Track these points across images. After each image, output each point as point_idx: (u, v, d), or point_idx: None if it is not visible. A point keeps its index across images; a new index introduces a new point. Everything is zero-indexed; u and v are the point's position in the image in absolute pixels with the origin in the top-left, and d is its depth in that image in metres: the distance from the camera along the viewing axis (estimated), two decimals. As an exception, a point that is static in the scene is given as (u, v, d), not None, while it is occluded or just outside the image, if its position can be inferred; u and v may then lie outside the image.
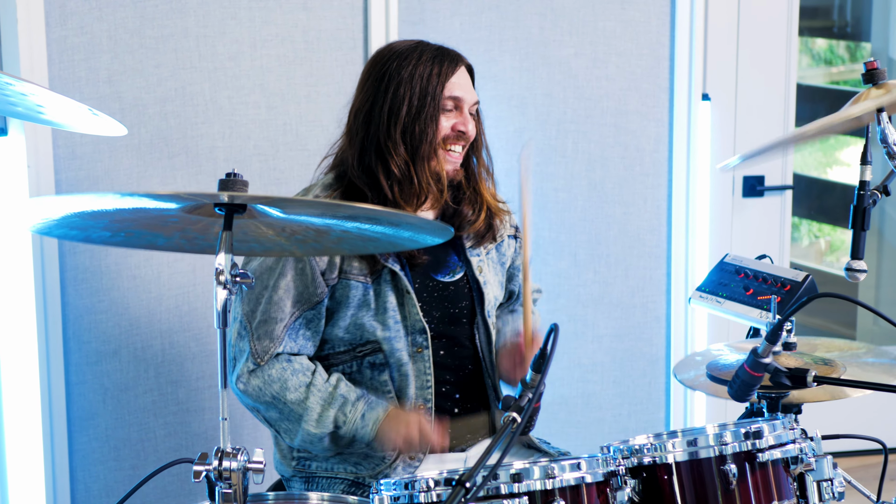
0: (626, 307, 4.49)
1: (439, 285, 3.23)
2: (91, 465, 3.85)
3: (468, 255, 3.28)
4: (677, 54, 4.39)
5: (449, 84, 3.16)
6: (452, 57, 3.21)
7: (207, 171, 3.90)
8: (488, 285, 3.29)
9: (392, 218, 2.41)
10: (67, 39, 3.67)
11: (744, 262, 3.50)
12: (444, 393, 3.22)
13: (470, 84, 3.23)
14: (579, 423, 4.50)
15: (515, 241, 3.44)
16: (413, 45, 3.22)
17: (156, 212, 2.42)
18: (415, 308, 3.13)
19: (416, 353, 3.14)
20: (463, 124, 3.18)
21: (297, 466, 3.21)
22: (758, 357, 2.58)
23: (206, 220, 2.45)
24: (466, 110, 3.19)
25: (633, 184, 4.44)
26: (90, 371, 3.82)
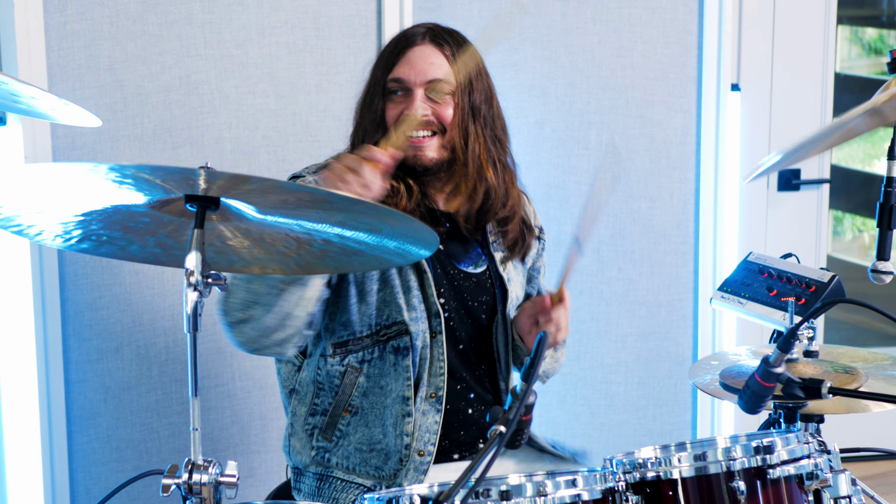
0: (651, 305, 4.33)
1: (460, 274, 3.10)
2: (91, 466, 3.74)
3: (491, 250, 3.14)
4: (706, 42, 4.21)
5: (398, 65, 2.99)
6: (416, 35, 3.02)
7: (213, 162, 3.68)
8: (512, 283, 3.15)
9: (367, 210, 2.25)
10: (67, 25, 3.55)
11: (768, 261, 3.35)
12: (458, 391, 3.08)
13: (433, 62, 2.99)
14: (602, 425, 4.35)
15: (538, 241, 3.29)
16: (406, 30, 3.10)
17: (124, 208, 2.28)
18: (431, 290, 3.00)
19: (432, 338, 3.01)
20: (408, 108, 2.96)
21: (315, 457, 3.07)
22: (769, 366, 2.42)
23: (178, 221, 2.31)
24: (417, 92, 2.97)
25: (660, 177, 4.27)
26: (91, 369, 3.70)
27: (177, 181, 2.20)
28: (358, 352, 3.01)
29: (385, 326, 2.99)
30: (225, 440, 3.89)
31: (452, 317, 3.06)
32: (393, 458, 3.00)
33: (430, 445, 3.00)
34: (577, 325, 4.27)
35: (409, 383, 2.99)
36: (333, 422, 3.04)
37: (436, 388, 3.01)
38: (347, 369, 3.02)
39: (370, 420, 3.02)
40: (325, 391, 3.05)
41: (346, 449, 3.04)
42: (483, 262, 3.13)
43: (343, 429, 3.04)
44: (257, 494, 3.90)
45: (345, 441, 3.04)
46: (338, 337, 3.02)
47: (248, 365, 3.89)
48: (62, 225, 2.33)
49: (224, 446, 3.89)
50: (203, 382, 3.85)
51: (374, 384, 3.01)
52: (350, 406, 3.02)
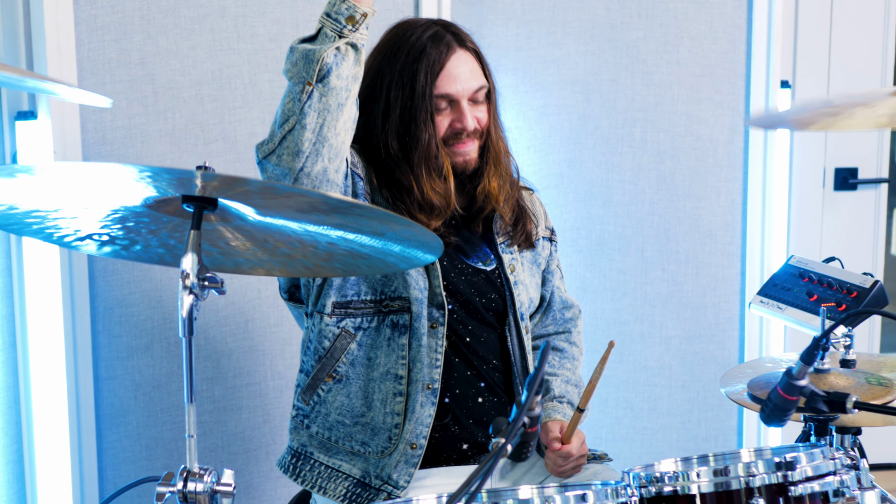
0: (697, 307, 4.22)
1: (469, 269, 3.06)
2: (121, 464, 3.70)
3: (500, 252, 3.09)
4: (755, 38, 4.10)
5: (440, 81, 2.94)
6: (444, 43, 2.97)
7: (246, 158, 3.71)
8: (520, 286, 3.11)
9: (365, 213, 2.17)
10: (97, 19, 3.50)
11: (809, 265, 3.25)
12: (468, 378, 3.04)
13: (470, 70, 2.99)
14: (645, 429, 4.25)
15: (550, 243, 3.26)
16: (413, 28, 3.01)
17: (122, 208, 2.22)
18: (437, 280, 2.96)
19: (430, 329, 2.96)
20: (460, 120, 2.97)
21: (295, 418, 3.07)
22: (792, 379, 2.32)
23: (177, 221, 2.25)
24: (464, 103, 2.96)
25: (706, 176, 4.16)
26: (121, 366, 3.65)
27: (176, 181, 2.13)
28: (357, 317, 2.96)
29: (390, 298, 2.95)
30: (257, 440, 3.84)
31: (455, 310, 3.01)
32: (381, 434, 2.96)
33: (422, 439, 2.96)
34: (619, 326, 4.18)
35: (402, 362, 2.95)
36: (314, 385, 3.02)
37: (431, 379, 2.96)
38: (341, 333, 2.97)
39: (352, 391, 2.98)
40: (310, 351, 3.02)
41: (325, 419, 3.01)
42: (493, 261, 3.09)
43: (322, 395, 3.00)
44: (289, 495, 3.84)
45: (322, 408, 3.01)
46: (342, 296, 2.96)
47: (280, 364, 3.83)
48: (61, 223, 2.28)
49: (255, 445, 3.84)
50: (235, 381, 3.80)
51: (363, 355, 2.97)
52: (335, 372, 2.98)
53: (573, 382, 3.22)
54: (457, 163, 2.99)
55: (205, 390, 3.76)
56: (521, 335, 3.09)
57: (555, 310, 3.29)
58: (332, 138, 2.71)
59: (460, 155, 2.99)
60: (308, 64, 2.68)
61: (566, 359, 3.27)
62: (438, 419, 3.00)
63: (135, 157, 3.58)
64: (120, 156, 3.56)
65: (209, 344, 3.75)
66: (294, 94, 2.69)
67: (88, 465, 3.62)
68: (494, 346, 3.08)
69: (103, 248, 2.38)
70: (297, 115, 2.69)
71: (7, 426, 3.55)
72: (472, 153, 3.01)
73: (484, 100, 3.02)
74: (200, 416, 3.77)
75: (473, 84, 2.98)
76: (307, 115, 2.68)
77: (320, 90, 2.67)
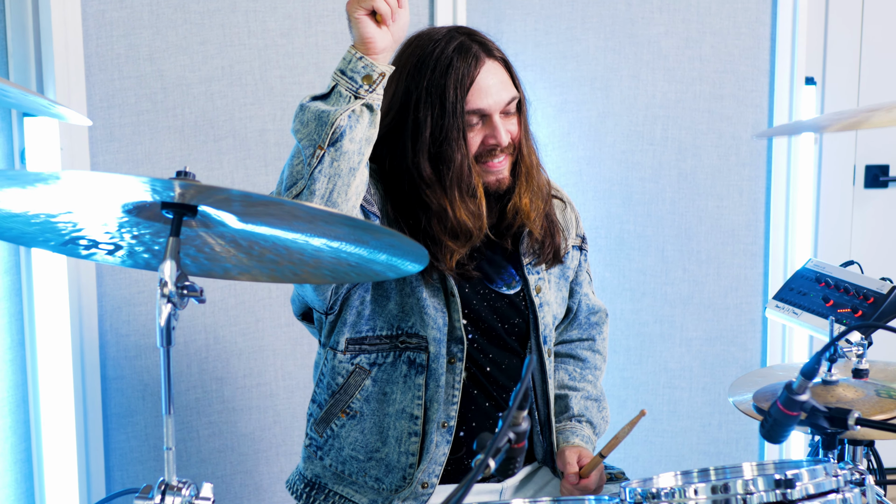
0: (718, 309, 4.14)
1: (492, 294, 2.93)
2: (129, 465, 3.66)
3: (525, 273, 2.96)
4: (779, 33, 4.00)
5: (471, 95, 2.77)
6: (471, 55, 2.79)
7: (256, 155, 3.66)
8: (545, 307, 2.98)
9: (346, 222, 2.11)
10: (105, 14, 3.46)
11: (826, 270, 3.16)
12: (485, 410, 2.94)
13: (500, 81, 2.82)
14: (665, 431, 4.18)
15: (580, 252, 3.12)
16: (436, 41, 2.82)
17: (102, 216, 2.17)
18: (458, 314, 2.84)
19: (448, 364, 2.85)
20: (494, 136, 2.80)
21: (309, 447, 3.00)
22: (792, 394, 2.24)
23: (158, 227, 2.20)
24: (496, 117, 2.80)
25: (728, 174, 4.07)
26: (128, 366, 3.62)
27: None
28: (371, 353, 2.87)
29: (407, 334, 2.85)
30: (267, 440, 3.79)
31: (476, 339, 2.90)
32: (395, 472, 2.88)
33: (434, 477, 2.86)
34: (639, 327, 4.11)
35: (419, 402, 2.85)
36: (328, 419, 2.93)
37: (447, 416, 2.86)
38: (356, 369, 2.87)
39: (366, 427, 2.89)
40: (323, 385, 2.93)
41: (339, 452, 2.93)
42: (517, 284, 2.96)
43: (335, 429, 2.92)
44: (300, 497, 3.81)
45: (336, 442, 2.93)
46: (356, 332, 2.86)
47: (291, 364, 3.78)
48: (37, 226, 2.23)
49: (266, 446, 3.80)
50: (244, 381, 3.75)
51: (379, 390, 2.87)
52: (349, 408, 2.89)
53: (593, 397, 3.11)
54: (489, 182, 2.83)
55: (214, 391, 3.72)
56: (542, 359, 2.98)
57: (580, 317, 3.18)
58: (343, 203, 2.55)
59: (493, 174, 2.83)
60: (321, 126, 2.51)
61: (588, 369, 3.16)
62: (452, 453, 2.89)
63: (143, 154, 3.53)
64: (128, 152, 3.52)
65: (219, 343, 3.71)
66: (304, 156, 2.54)
67: (96, 465, 3.58)
68: (516, 372, 2.95)
69: (88, 252, 2.32)
70: (305, 180, 2.52)
71: (15, 425, 3.53)
72: (505, 171, 2.85)
73: (515, 111, 2.86)
74: (210, 417, 3.73)
75: (505, 96, 2.81)
76: (317, 181, 2.51)
77: (332, 154, 2.51)
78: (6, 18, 3.40)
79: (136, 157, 3.53)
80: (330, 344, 2.90)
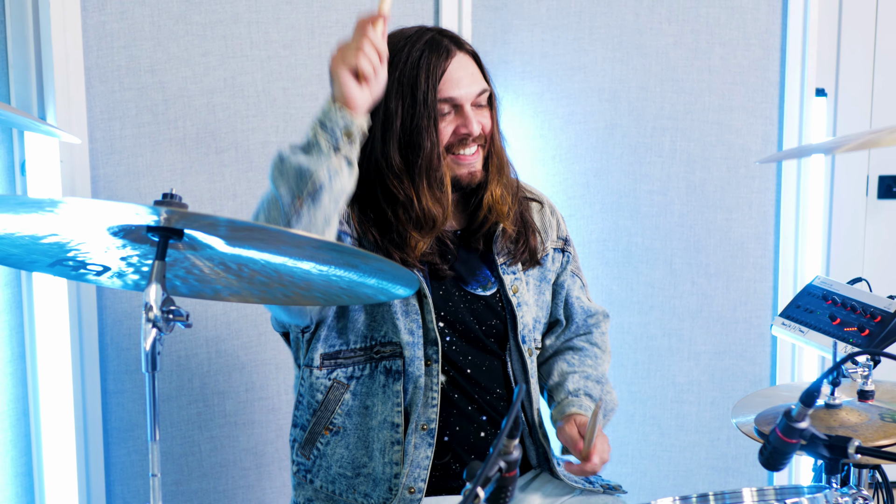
0: (727, 322, 4.09)
1: (467, 296, 2.93)
2: (130, 480, 3.63)
3: (501, 273, 2.95)
4: (789, 44, 3.95)
5: (442, 85, 2.80)
6: (442, 47, 2.83)
7: (259, 167, 3.63)
8: (523, 307, 2.97)
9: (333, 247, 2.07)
10: (106, 25, 3.43)
11: (833, 287, 3.12)
12: (468, 414, 2.92)
13: (471, 73, 2.85)
14: (673, 446, 4.13)
15: (563, 254, 3.11)
16: (406, 37, 2.88)
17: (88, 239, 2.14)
18: (430, 316, 2.83)
19: (426, 367, 2.84)
20: (465, 125, 2.82)
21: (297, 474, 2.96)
22: (791, 421, 2.19)
23: (146, 248, 2.17)
24: (468, 107, 2.82)
25: (738, 187, 4.02)
26: (129, 380, 3.58)
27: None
28: (348, 366, 2.85)
29: (380, 343, 2.84)
30: (269, 455, 3.76)
31: (454, 341, 2.89)
32: (381, 486, 2.85)
33: (420, 482, 2.85)
34: (647, 341, 4.06)
35: (398, 409, 2.83)
36: (312, 439, 2.91)
37: (427, 419, 2.85)
38: (333, 384, 2.86)
39: (350, 442, 2.88)
40: (303, 405, 2.92)
41: (327, 472, 2.90)
42: (493, 285, 2.96)
43: (321, 448, 2.90)
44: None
45: (323, 462, 2.90)
46: (329, 346, 2.85)
47: (294, 378, 3.74)
48: (22, 248, 2.20)
49: (268, 461, 3.76)
50: (246, 395, 3.72)
51: (359, 403, 2.86)
52: (332, 425, 2.88)
53: (594, 378, 3.07)
54: (461, 175, 2.85)
55: (216, 404, 3.69)
56: (522, 359, 2.97)
57: (577, 321, 3.16)
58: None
59: (465, 166, 2.85)
60: (300, 180, 2.50)
61: (587, 357, 3.13)
62: (438, 458, 2.88)
63: (144, 167, 3.50)
64: (129, 164, 3.49)
65: (220, 357, 3.67)
66: (281, 205, 2.51)
67: (96, 480, 3.55)
68: (497, 373, 2.96)
69: (77, 272, 2.29)
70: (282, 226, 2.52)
71: (16, 439, 3.51)
72: (478, 164, 2.87)
73: (486, 104, 2.88)
74: (212, 431, 3.69)
75: (476, 88, 2.84)
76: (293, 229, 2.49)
77: (309, 205, 2.48)
78: (7, 29, 3.37)
79: (137, 170, 3.50)
80: (305, 362, 2.89)
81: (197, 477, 3.68)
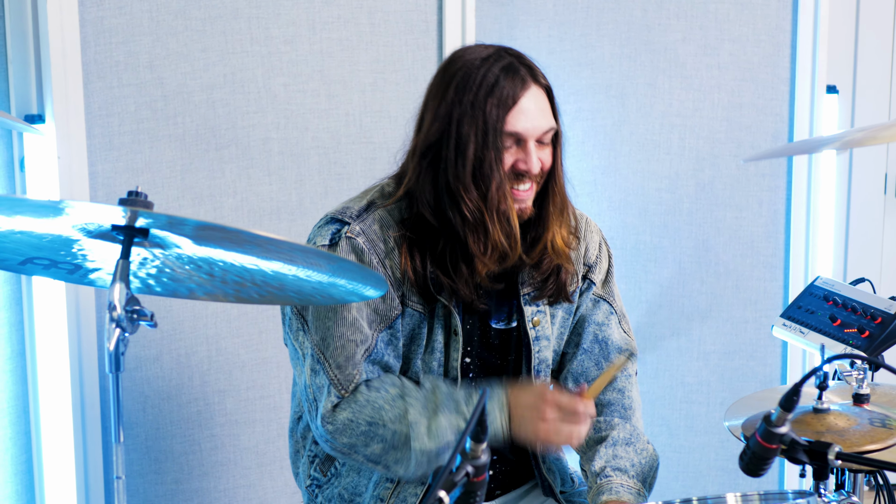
0: (737, 322, 4.04)
1: (491, 331, 2.82)
2: (129, 478, 3.61)
3: (522, 303, 2.81)
4: (800, 41, 3.89)
5: (510, 117, 2.64)
6: (518, 77, 2.67)
7: (260, 164, 3.60)
8: (542, 341, 2.84)
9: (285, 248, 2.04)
10: (104, 21, 3.40)
11: (835, 287, 3.06)
12: None
13: (542, 108, 2.69)
14: (682, 447, 4.08)
15: (584, 281, 2.92)
16: (482, 59, 2.70)
17: (54, 236, 2.11)
18: (457, 353, 2.74)
19: None
20: (524, 161, 2.66)
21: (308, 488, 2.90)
22: (770, 426, 2.14)
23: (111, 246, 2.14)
24: (531, 144, 2.66)
25: (747, 185, 3.97)
26: (128, 377, 3.56)
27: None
28: None
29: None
30: (271, 454, 3.73)
31: (475, 378, 2.79)
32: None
33: None
34: (655, 341, 4.02)
35: None
36: (332, 457, 2.85)
37: None
38: None
39: (363, 468, 2.80)
40: None
41: (332, 490, 2.85)
42: (514, 318, 2.83)
43: (339, 468, 2.84)
44: (304, 511, 3.75)
45: (336, 481, 2.84)
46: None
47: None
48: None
49: (269, 460, 3.74)
50: (247, 394, 3.70)
51: None
52: None
53: (622, 441, 2.86)
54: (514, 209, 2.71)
55: (216, 403, 3.67)
56: None
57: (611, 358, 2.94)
58: None
59: (516, 201, 2.69)
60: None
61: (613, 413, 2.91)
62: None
63: (143, 163, 3.48)
64: (127, 161, 3.47)
65: (221, 355, 3.65)
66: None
67: (94, 478, 3.53)
68: None
69: (48, 270, 2.27)
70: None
71: (16, 436, 3.50)
72: (529, 201, 2.71)
73: (549, 143, 2.72)
74: (212, 430, 3.68)
75: (544, 124, 2.68)
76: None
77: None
78: (6, 25, 3.35)
79: (135, 166, 3.47)
80: None
81: (197, 476, 3.67)
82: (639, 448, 2.86)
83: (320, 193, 3.65)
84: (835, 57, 4.41)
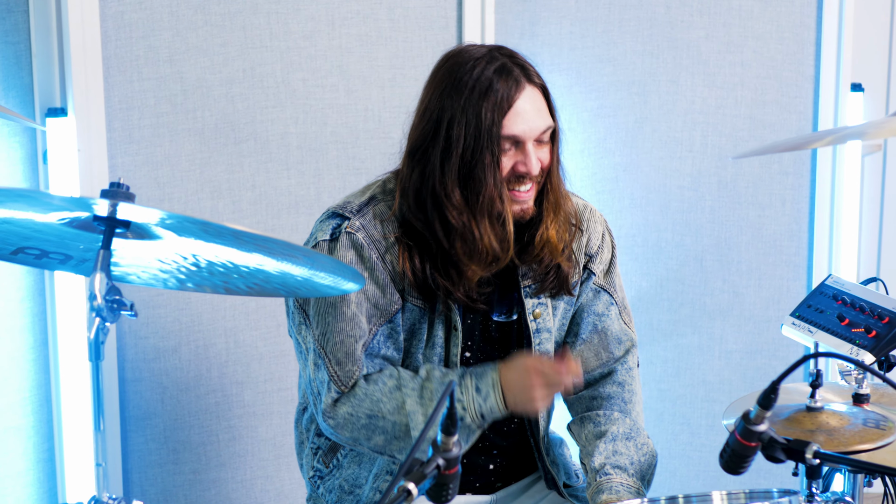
0: (759, 321, 4.01)
1: (492, 325, 2.83)
2: (147, 468, 3.65)
3: (523, 296, 2.80)
4: (825, 38, 3.86)
5: (507, 120, 2.62)
6: (512, 78, 2.65)
7: (278, 158, 3.62)
8: (542, 333, 2.83)
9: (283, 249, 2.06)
10: (124, 15, 3.44)
11: (844, 286, 3.04)
12: (482, 448, 2.85)
13: (538, 108, 2.67)
14: (703, 446, 4.06)
15: (584, 271, 2.90)
16: (474, 60, 2.68)
17: (40, 225, 2.14)
18: (457, 349, 2.74)
19: None
20: (525, 163, 2.66)
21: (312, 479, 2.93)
22: (749, 424, 2.14)
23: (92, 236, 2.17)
24: (530, 145, 2.66)
25: (770, 183, 3.95)
26: (147, 368, 3.60)
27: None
28: None
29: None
30: (288, 446, 3.75)
31: None
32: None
33: None
34: (677, 339, 4.00)
35: None
36: (335, 448, 2.87)
37: None
38: None
39: (363, 460, 2.83)
40: None
41: (333, 482, 2.87)
42: (515, 311, 2.83)
43: (340, 459, 2.86)
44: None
45: (337, 472, 2.86)
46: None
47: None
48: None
49: (287, 452, 3.77)
50: (265, 386, 3.73)
51: None
52: None
53: (622, 436, 2.84)
54: (513, 211, 2.69)
55: (234, 394, 3.70)
56: None
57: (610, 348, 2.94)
58: None
59: (518, 203, 2.69)
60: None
61: (613, 407, 2.91)
62: None
63: (162, 156, 3.52)
64: (147, 154, 3.50)
65: (239, 348, 3.68)
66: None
67: (113, 467, 3.57)
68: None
69: (40, 260, 2.30)
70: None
71: (38, 424, 3.56)
72: (530, 201, 2.71)
73: (548, 140, 2.72)
74: (230, 421, 3.71)
75: (541, 124, 2.67)
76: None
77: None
78: (30, 20, 3.40)
79: (155, 160, 3.51)
80: None
81: (215, 466, 3.70)
82: (639, 443, 2.85)
83: (339, 188, 3.66)
84: (866, 56, 4.37)
